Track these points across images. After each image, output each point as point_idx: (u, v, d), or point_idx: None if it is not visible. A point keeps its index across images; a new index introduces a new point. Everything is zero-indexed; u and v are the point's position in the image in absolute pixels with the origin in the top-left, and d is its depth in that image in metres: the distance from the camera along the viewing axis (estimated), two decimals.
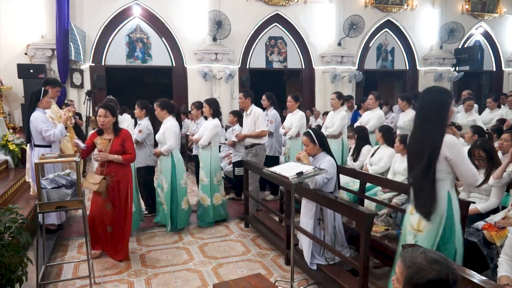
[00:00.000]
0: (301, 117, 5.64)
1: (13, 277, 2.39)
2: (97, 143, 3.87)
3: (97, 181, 3.71)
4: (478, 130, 4.62)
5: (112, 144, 3.84)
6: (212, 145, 4.88)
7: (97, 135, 3.89)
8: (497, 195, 3.49)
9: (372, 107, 6.08)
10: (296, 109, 5.70)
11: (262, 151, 5.25)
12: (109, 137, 3.87)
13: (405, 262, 1.38)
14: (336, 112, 5.85)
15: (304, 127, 5.62)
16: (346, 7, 11.31)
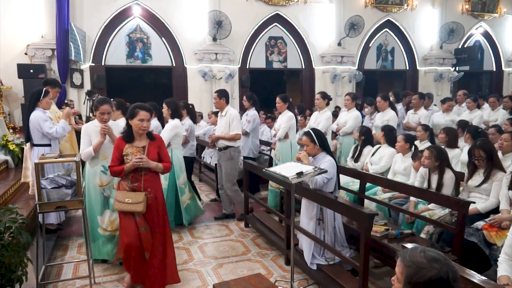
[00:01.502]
0: (289, 118, 5.37)
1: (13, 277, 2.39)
2: (127, 153, 3.12)
3: (140, 200, 3.07)
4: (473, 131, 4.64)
5: (149, 152, 3.16)
6: (172, 147, 4.70)
7: (125, 143, 3.15)
8: (497, 195, 3.49)
9: (349, 108, 5.98)
10: (285, 110, 5.47)
11: (237, 154, 5.03)
12: (143, 144, 3.18)
13: (404, 261, 1.38)
14: (321, 113, 5.67)
15: (293, 129, 5.44)
16: (346, 7, 11.30)
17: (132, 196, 3.08)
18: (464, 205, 3.06)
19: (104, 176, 3.64)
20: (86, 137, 3.65)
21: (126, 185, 3.15)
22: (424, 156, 3.82)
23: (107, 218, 3.70)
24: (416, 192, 3.67)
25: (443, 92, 11.99)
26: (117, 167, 3.13)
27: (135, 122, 3.13)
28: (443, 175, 3.73)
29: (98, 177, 3.64)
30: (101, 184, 3.65)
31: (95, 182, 3.63)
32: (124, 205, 3.06)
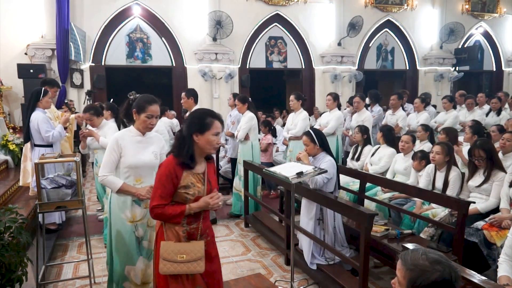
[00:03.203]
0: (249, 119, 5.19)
1: (13, 277, 2.39)
2: (187, 185, 2.12)
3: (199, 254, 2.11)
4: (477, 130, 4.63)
5: (211, 180, 2.24)
6: None
7: (182, 169, 2.12)
8: (497, 195, 3.49)
9: (330, 108, 5.90)
10: (246, 110, 5.30)
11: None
12: (203, 169, 2.22)
13: (406, 264, 1.37)
14: (297, 114, 5.58)
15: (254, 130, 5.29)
16: (346, 7, 11.30)
17: (187, 249, 2.09)
18: (464, 205, 3.06)
19: (137, 209, 2.67)
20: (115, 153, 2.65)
21: (179, 230, 2.14)
22: (434, 152, 3.85)
23: (140, 269, 2.66)
24: (416, 192, 3.68)
25: (443, 92, 11.97)
26: (171, 209, 2.09)
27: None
28: (449, 172, 3.74)
29: (128, 210, 2.65)
30: (133, 219, 2.66)
31: (123, 215, 2.64)
32: (177, 266, 2.06)
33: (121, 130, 2.78)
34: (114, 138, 2.65)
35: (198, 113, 2.21)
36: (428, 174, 3.96)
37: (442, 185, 3.78)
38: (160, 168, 2.16)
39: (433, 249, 1.44)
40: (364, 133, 5.25)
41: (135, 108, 2.63)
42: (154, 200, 2.10)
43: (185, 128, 2.16)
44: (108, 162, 2.62)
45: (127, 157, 2.62)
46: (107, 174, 2.62)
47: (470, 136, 4.55)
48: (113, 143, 2.62)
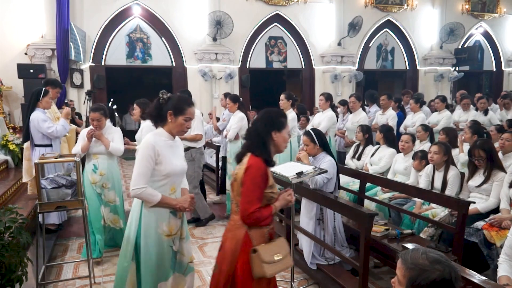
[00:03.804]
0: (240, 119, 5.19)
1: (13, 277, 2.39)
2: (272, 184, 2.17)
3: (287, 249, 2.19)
4: (477, 130, 4.63)
5: None
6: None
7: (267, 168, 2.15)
8: (497, 195, 3.49)
9: (323, 109, 5.81)
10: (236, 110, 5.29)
11: (198, 155, 4.86)
12: None
13: (406, 264, 1.37)
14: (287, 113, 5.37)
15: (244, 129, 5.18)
16: (346, 7, 11.30)
17: (279, 248, 2.13)
18: (464, 205, 3.05)
19: (174, 221, 2.45)
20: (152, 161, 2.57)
21: (265, 232, 2.14)
22: (432, 152, 3.85)
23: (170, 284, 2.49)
24: (416, 192, 3.68)
25: (443, 92, 11.97)
26: (264, 211, 2.08)
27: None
28: (448, 172, 3.75)
29: (166, 223, 2.41)
30: (170, 233, 2.43)
31: (159, 229, 2.40)
32: (276, 266, 2.08)
33: (149, 134, 2.45)
34: (150, 144, 2.33)
35: (274, 112, 2.26)
36: (427, 175, 3.96)
37: (440, 185, 3.78)
38: (250, 169, 2.06)
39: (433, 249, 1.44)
40: (365, 132, 5.24)
41: (172, 110, 2.37)
42: (254, 203, 2.03)
43: (262, 126, 2.16)
44: (144, 172, 2.31)
45: (165, 165, 2.35)
46: (144, 186, 2.30)
47: (470, 136, 4.55)
48: (149, 149, 2.32)
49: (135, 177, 2.31)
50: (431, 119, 6.52)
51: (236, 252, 2.08)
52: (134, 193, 2.31)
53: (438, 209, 3.65)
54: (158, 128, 2.45)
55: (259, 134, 2.15)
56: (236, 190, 2.14)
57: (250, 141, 2.18)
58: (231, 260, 2.08)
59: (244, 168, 2.09)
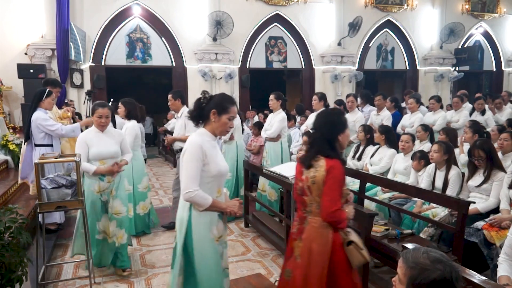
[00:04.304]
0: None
1: (13, 277, 2.39)
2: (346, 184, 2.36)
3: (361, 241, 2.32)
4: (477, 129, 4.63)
5: None
6: (133, 149, 4.34)
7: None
8: (497, 195, 3.49)
9: (317, 109, 5.53)
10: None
11: None
12: None
13: (407, 263, 1.37)
14: (275, 114, 5.28)
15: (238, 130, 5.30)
16: (346, 7, 11.30)
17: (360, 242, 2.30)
18: (464, 205, 3.05)
19: (221, 224, 2.38)
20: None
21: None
22: (433, 150, 3.86)
23: None
24: (416, 192, 3.68)
25: (443, 92, 11.99)
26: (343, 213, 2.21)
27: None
28: (449, 172, 3.74)
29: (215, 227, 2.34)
30: (219, 237, 2.37)
31: (210, 234, 2.30)
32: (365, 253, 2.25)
33: (193, 134, 2.35)
34: (197, 144, 2.24)
35: (337, 114, 2.37)
36: (429, 174, 3.96)
37: (442, 184, 3.78)
38: (332, 170, 2.15)
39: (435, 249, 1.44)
40: (367, 132, 5.24)
41: (216, 109, 2.29)
42: (336, 202, 2.14)
43: (328, 131, 2.25)
44: (194, 174, 2.21)
45: (213, 165, 2.27)
46: (197, 189, 2.19)
47: (470, 136, 4.54)
48: (197, 150, 2.22)
49: (187, 180, 2.20)
50: (426, 119, 6.50)
51: (326, 252, 2.18)
52: (187, 197, 2.20)
53: (438, 209, 3.65)
54: (200, 128, 2.36)
55: (326, 139, 2.23)
56: (315, 192, 2.20)
57: (318, 146, 2.24)
58: (322, 260, 2.17)
59: (324, 170, 2.16)
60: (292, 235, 2.39)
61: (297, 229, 2.35)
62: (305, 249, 2.24)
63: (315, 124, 2.36)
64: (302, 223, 2.31)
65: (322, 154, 2.21)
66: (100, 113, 3.47)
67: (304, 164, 2.28)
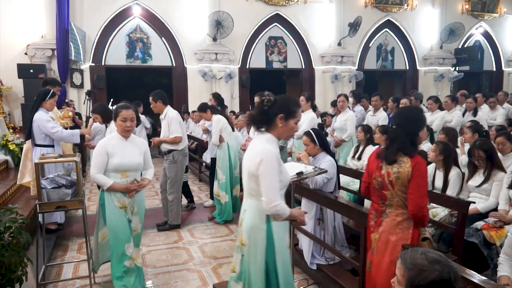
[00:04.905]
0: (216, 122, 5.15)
1: (13, 277, 2.39)
2: None
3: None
4: (477, 129, 4.62)
5: None
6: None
7: None
8: (497, 195, 3.49)
9: (304, 109, 5.42)
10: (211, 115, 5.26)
11: (181, 157, 4.76)
12: None
13: (405, 264, 1.38)
14: None
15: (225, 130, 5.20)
16: (346, 7, 11.30)
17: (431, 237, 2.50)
18: (464, 205, 3.05)
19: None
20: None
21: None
22: (430, 150, 3.87)
23: None
24: None
25: (443, 92, 11.98)
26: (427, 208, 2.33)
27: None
28: (448, 172, 3.74)
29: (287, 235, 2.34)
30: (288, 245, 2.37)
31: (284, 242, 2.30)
32: None
33: (264, 143, 2.19)
34: (274, 154, 2.13)
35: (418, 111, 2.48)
36: (429, 174, 3.96)
37: (441, 184, 3.78)
38: (419, 166, 2.23)
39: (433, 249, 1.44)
40: (367, 132, 5.23)
41: (284, 113, 2.18)
42: (425, 197, 2.24)
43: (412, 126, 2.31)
44: (276, 185, 2.12)
45: (284, 173, 2.23)
46: (280, 201, 2.13)
47: (470, 136, 4.54)
48: (275, 160, 2.12)
49: (271, 193, 2.09)
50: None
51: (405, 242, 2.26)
52: (273, 210, 2.10)
53: (438, 209, 3.64)
54: (265, 134, 2.22)
55: (408, 135, 2.29)
56: (397, 187, 2.27)
57: (400, 142, 2.29)
58: (398, 251, 2.21)
59: (410, 166, 2.23)
60: (371, 227, 2.47)
61: (374, 222, 2.43)
62: (382, 242, 2.33)
63: (396, 121, 2.41)
64: (380, 216, 2.39)
65: (404, 152, 2.27)
66: (125, 115, 3.00)
67: (387, 159, 2.32)
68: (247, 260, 2.22)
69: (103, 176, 2.99)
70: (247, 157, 2.23)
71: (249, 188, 2.22)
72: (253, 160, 2.15)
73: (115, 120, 3.06)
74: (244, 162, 2.27)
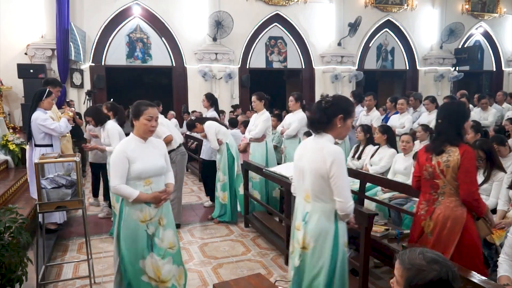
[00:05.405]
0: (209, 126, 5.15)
1: (13, 277, 2.39)
2: None
3: None
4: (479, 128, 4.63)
5: None
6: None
7: None
8: (497, 195, 3.49)
9: (293, 109, 5.43)
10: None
11: (179, 157, 4.73)
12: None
13: (404, 264, 1.37)
14: (259, 114, 5.19)
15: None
16: (346, 7, 11.31)
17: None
18: None
19: None
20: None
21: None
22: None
23: None
24: (416, 192, 3.67)
25: (443, 92, 12.00)
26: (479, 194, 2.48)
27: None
28: None
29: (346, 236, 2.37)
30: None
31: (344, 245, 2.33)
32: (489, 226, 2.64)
33: (330, 144, 2.19)
34: (342, 154, 2.18)
35: (461, 104, 2.66)
36: None
37: None
38: (467, 154, 2.39)
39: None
40: (366, 132, 5.23)
41: (343, 114, 2.19)
42: (475, 183, 2.42)
43: (457, 118, 2.47)
44: (348, 184, 2.21)
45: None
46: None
47: (473, 136, 4.52)
48: (343, 158, 2.17)
49: (346, 193, 2.14)
50: (422, 119, 6.45)
51: (458, 229, 2.42)
52: (349, 210, 2.17)
53: None
54: (326, 135, 2.22)
55: (454, 128, 2.45)
56: (449, 175, 2.43)
57: (446, 134, 2.46)
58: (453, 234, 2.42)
59: (459, 154, 2.39)
60: (420, 216, 2.61)
61: (425, 211, 2.58)
62: (437, 227, 2.48)
63: (441, 115, 2.56)
64: (432, 204, 2.54)
65: (451, 142, 2.43)
66: (151, 113, 2.62)
67: (435, 150, 2.49)
68: (310, 262, 2.24)
69: (127, 186, 2.57)
70: (310, 160, 2.20)
71: (314, 190, 2.20)
72: (322, 161, 2.14)
73: (136, 118, 2.63)
74: (303, 165, 2.25)
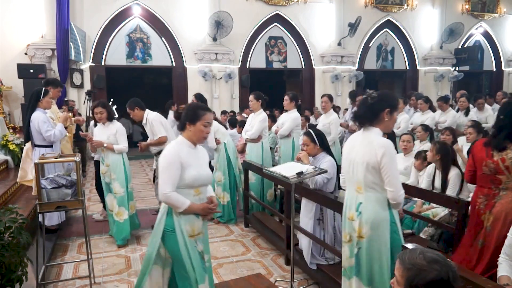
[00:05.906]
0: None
1: (13, 277, 2.39)
2: None
3: None
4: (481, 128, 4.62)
5: None
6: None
7: None
8: None
9: (288, 109, 5.34)
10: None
11: None
12: None
13: (404, 264, 1.38)
14: (256, 114, 5.12)
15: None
16: (346, 7, 11.31)
17: None
18: (464, 205, 3.06)
19: None
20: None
21: None
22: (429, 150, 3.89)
23: None
24: (416, 192, 3.68)
25: (443, 92, 11.99)
26: None
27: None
28: (447, 172, 3.74)
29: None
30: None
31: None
32: None
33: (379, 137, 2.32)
34: (392, 145, 2.30)
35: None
36: (429, 174, 3.96)
37: (440, 184, 3.78)
38: None
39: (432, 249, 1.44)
40: None
41: (389, 107, 2.31)
42: None
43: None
44: (398, 174, 2.35)
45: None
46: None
47: (475, 136, 4.51)
48: (394, 151, 2.31)
49: (397, 182, 2.28)
50: (415, 119, 6.45)
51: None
52: (401, 199, 2.30)
53: (439, 209, 3.65)
54: (374, 128, 2.34)
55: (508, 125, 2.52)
56: None
57: (508, 131, 2.52)
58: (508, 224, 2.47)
59: None
60: (480, 210, 2.68)
61: (484, 205, 2.66)
62: (498, 220, 2.55)
63: (503, 112, 2.62)
64: (492, 199, 2.62)
65: (509, 139, 2.51)
66: (209, 119, 2.39)
67: (498, 147, 2.55)
68: (369, 251, 2.32)
69: (179, 195, 2.29)
70: (361, 153, 2.33)
71: (366, 181, 2.31)
72: (373, 153, 2.26)
73: (193, 122, 2.35)
74: (353, 158, 2.38)
